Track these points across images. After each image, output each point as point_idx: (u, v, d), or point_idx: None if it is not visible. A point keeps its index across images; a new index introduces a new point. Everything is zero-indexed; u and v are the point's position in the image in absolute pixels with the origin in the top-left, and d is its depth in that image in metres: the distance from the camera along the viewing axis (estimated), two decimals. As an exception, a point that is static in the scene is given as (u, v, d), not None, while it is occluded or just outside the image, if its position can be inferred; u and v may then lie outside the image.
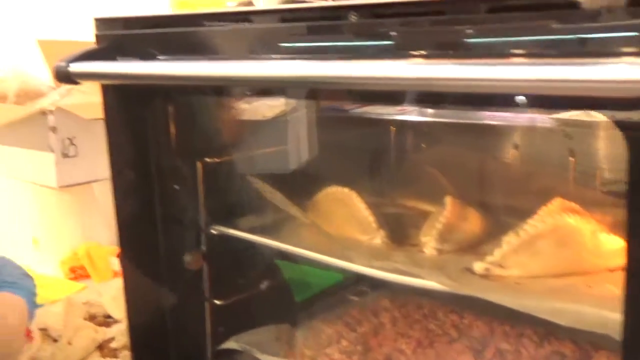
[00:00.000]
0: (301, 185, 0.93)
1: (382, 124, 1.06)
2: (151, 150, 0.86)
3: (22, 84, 1.75)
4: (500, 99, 0.60)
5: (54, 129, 1.48)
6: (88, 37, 1.72)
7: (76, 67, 0.77)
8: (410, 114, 1.00)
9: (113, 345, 1.29)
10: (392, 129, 1.08)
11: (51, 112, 1.47)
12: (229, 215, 0.90)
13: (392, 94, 0.66)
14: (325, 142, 1.00)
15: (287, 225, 0.91)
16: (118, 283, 1.49)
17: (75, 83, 0.78)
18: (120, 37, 0.81)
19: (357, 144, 1.03)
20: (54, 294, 1.54)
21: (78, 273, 1.64)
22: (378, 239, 0.86)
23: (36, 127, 1.49)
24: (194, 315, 0.95)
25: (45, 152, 1.50)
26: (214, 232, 0.90)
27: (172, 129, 0.87)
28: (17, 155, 1.56)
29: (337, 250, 0.83)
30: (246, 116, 0.92)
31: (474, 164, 1.00)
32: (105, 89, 0.83)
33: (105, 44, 0.81)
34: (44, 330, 1.33)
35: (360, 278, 1.04)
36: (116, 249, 1.60)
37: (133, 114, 0.84)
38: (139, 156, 0.86)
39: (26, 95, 1.78)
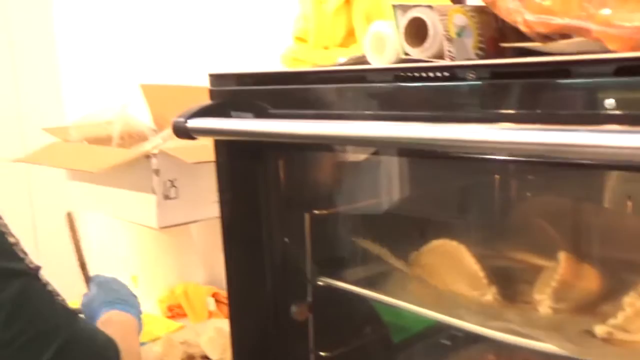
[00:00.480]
0: (406, 237, 0.92)
1: (487, 173, 1.04)
2: (261, 201, 0.87)
3: (125, 127, 1.83)
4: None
5: (156, 172, 1.53)
6: (187, 82, 1.78)
7: (193, 123, 0.79)
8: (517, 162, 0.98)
9: (212, 387, 1.30)
10: (497, 177, 1.06)
11: (154, 155, 1.52)
12: (335, 266, 0.90)
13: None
14: (430, 193, 0.99)
15: (393, 276, 0.90)
16: (214, 324, 1.52)
17: (192, 138, 0.80)
18: (233, 92, 0.83)
19: (461, 193, 1.01)
20: (153, 331, 1.58)
21: (175, 312, 1.67)
22: (489, 295, 0.83)
23: (140, 169, 1.54)
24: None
25: (148, 193, 1.55)
26: (320, 283, 0.90)
27: (282, 181, 0.88)
28: (120, 196, 1.62)
29: (446, 306, 0.81)
30: (352, 169, 0.93)
31: (585, 215, 0.96)
32: (218, 143, 0.85)
33: (219, 100, 0.83)
34: (145, 370, 1.36)
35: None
36: (212, 289, 1.64)
37: (244, 166, 0.86)
38: (249, 207, 0.87)
39: (130, 137, 1.86)
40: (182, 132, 0.80)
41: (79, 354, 0.80)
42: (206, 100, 1.30)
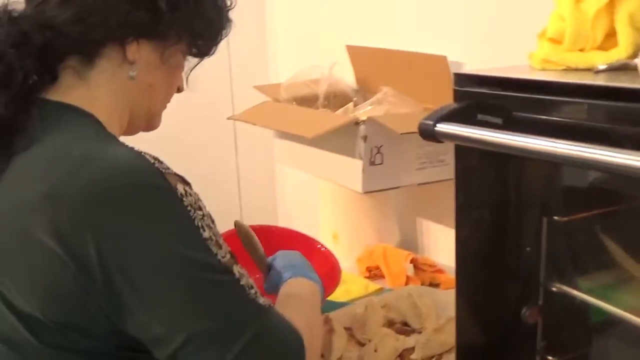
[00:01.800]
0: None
1: None
2: (497, 204, 0.87)
3: (331, 87, 1.88)
4: None
5: (364, 138, 1.56)
6: (392, 45, 1.76)
7: (442, 128, 0.80)
8: None
9: (413, 356, 1.33)
10: None
11: (363, 122, 1.55)
12: (569, 272, 0.89)
13: None
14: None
15: (630, 284, 0.86)
16: (414, 290, 1.56)
17: (438, 142, 0.81)
18: (479, 95, 0.83)
19: None
20: (352, 290, 1.65)
21: (373, 273, 1.73)
22: None
23: (347, 134, 1.58)
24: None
25: (354, 158, 1.59)
26: (553, 289, 0.89)
27: (521, 186, 0.87)
28: (326, 158, 1.67)
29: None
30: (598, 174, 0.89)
31: None
32: (459, 147, 0.86)
33: (465, 103, 0.83)
34: (348, 330, 1.43)
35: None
36: (411, 254, 1.67)
37: (484, 169, 0.86)
38: (485, 210, 0.87)
39: (334, 98, 1.91)
40: (428, 134, 0.81)
41: (266, 351, 0.81)
42: (427, 83, 1.31)
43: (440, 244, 1.86)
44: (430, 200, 1.82)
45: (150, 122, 1.02)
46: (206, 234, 0.79)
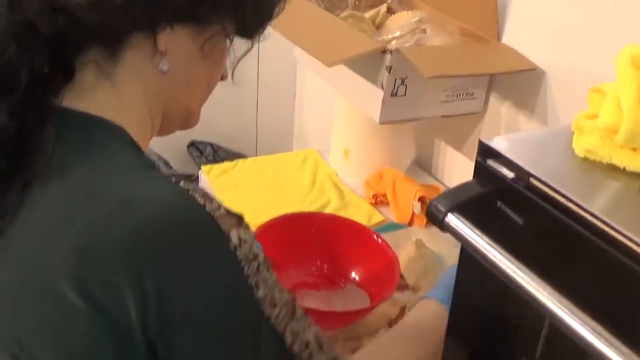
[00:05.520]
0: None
1: None
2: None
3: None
4: None
5: (388, 68, 1.43)
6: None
7: (452, 221, 0.70)
8: None
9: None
10: None
11: (391, 52, 1.41)
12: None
13: None
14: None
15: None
16: (416, 234, 1.50)
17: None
18: (501, 182, 0.71)
19: None
20: (354, 217, 1.60)
21: (379, 200, 1.67)
22: None
23: (373, 59, 1.45)
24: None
25: (376, 86, 1.47)
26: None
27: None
28: (349, 77, 1.55)
29: None
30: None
31: None
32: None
33: (485, 190, 0.72)
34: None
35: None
36: (420, 190, 1.60)
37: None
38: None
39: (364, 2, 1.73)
40: (435, 221, 0.72)
41: None
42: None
43: (456, 171, 1.77)
44: (452, 126, 1.71)
45: (187, 121, 0.86)
46: (260, 293, 0.68)
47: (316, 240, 1.36)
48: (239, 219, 0.69)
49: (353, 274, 1.36)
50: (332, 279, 1.36)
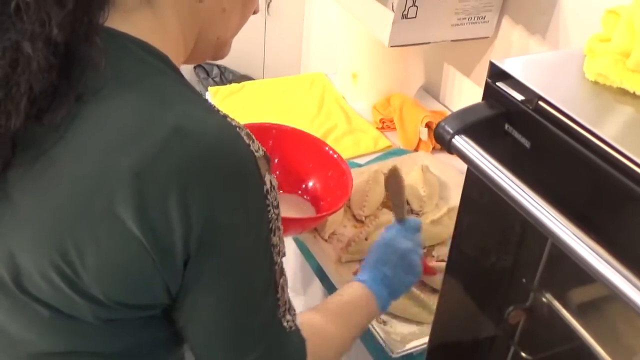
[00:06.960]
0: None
1: None
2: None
3: None
4: None
5: (400, -11, 1.39)
6: None
7: (459, 142, 0.69)
8: None
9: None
10: None
11: (401, -27, 1.37)
12: (563, 285, 0.83)
13: None
14: None
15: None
16: (421, 160, 1.50)
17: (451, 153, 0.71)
18: (511, 104, 0.70)
19: None
20: (361, 143, 1.60)
21: (386, 125, 1.66)
22: None
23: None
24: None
25: (386, 8, 1.44)
26: (543, 299, 0.84)
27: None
28: (362, 0, 1.51)
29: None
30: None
31: None
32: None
33: (494, 112, 0.71)
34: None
35: None
36: (428, 117, 1.58)
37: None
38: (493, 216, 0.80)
39: None
40: (442, 143, 0.71)
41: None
42: None
43: (464, 97, 1.75)
44: (462, 52, 1.68)
45: (218, 51, 0.86)
46: (274, 240, 0.73)
47: (274, 151, 1.37)
48: (269, 163, 0.72)
49: (305, 186, 1.39)
50: (283, 187, 1.38)
